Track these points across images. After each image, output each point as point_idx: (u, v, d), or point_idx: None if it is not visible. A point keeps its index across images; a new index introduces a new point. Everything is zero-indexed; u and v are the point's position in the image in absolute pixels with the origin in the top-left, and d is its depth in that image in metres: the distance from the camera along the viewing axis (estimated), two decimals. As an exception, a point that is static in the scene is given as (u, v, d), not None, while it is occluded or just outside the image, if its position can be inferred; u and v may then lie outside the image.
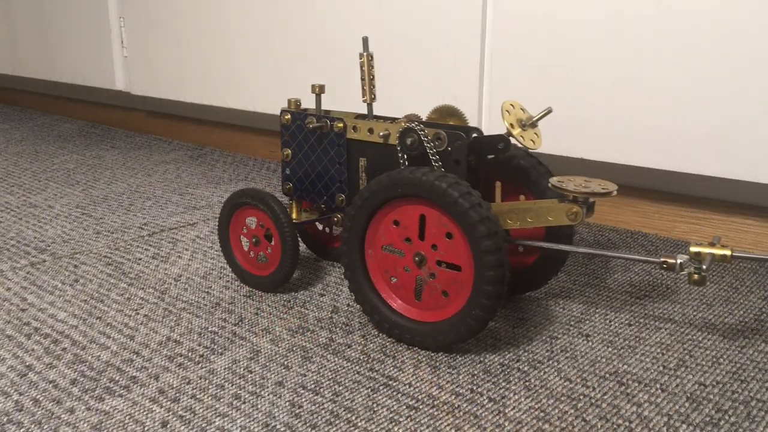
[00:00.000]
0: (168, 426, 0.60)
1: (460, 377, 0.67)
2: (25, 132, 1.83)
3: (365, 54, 0.79)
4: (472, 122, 1.10)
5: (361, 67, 0.79)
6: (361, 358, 0.70)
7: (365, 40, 0.79)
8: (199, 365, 0.69)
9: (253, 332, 0.76)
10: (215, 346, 0.73)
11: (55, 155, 1.58)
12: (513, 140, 0.74)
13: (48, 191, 1.30)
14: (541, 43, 1.01)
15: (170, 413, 0.62)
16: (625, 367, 0.68)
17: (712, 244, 0.65)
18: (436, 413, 0.61)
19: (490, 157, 0.75)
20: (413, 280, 0.72)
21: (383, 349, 0.72)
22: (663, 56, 0.92)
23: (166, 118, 1.78)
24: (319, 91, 0.82)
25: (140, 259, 0.97)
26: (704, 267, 0.65)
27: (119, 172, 1.43)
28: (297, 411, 0.62)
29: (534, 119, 0.75)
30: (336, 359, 0.70)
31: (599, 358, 0.70)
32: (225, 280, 0.89)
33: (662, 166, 0.95)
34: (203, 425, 0.60)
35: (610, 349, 0.71)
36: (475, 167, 0.74)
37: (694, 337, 0.73)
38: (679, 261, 0.66)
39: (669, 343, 0.72)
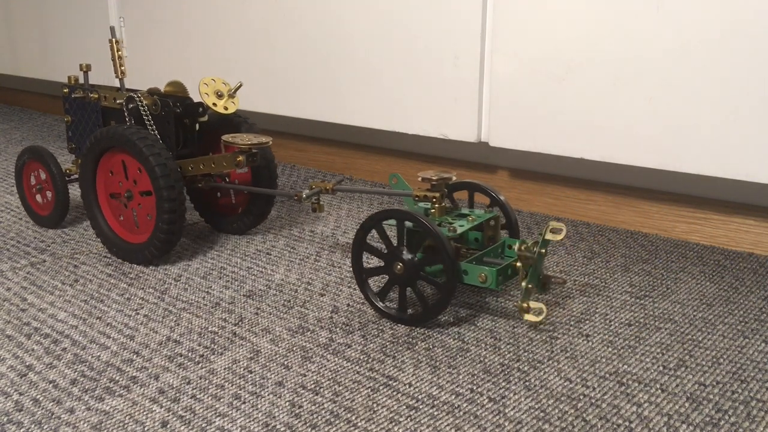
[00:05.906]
0: (168, 426, 0.60)
1: (460, 377, 0.67)
2: (25, 132, 1.83)
3: (113, 40, 1.00)
4: (473, 121, 1.10)
5: (111, 50, 1.00)
6: (361, 358, 0.70)
7: (112, 29, 1.01)
8: (199, 365, 0.69)
9: (253, 332, 0.76)
10: (215, 346, 0.73)
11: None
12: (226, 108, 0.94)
13: (48, 191, 1.30)
14: (541, 42, 1.01)
15: (170, 413, 0.62)
16: (625, 367, 0.68)
17: (322, 182, 0.90)
18: (436, 413, 0.61)
19: (202, 119, 0.97)
20: (131, 213, 0.93)
21: (383, 349, 0.72)
22: (663, 56, 0.92)
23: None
24: (85, 68, 1.03)
25: (140, 259, 0.97)
26: (304, 196, 0.89)
27: (119, 172, 1.43)
28: (297, 411, 0.62)
29: (232, 91, 0.96)
30: (336, 359, 0.70)
31: (599, 358, 0.70)
32: (225, 280, 0.89)
33: (662, 166, 0.95)
34: (203, 425, 0.60)
35: (610, 349, 0.71)
36: (190, 127, 0.96)
37: (694, 337, 0.73)
38: (304, 194, 0.89)
39: (669, 343, 0.72)
